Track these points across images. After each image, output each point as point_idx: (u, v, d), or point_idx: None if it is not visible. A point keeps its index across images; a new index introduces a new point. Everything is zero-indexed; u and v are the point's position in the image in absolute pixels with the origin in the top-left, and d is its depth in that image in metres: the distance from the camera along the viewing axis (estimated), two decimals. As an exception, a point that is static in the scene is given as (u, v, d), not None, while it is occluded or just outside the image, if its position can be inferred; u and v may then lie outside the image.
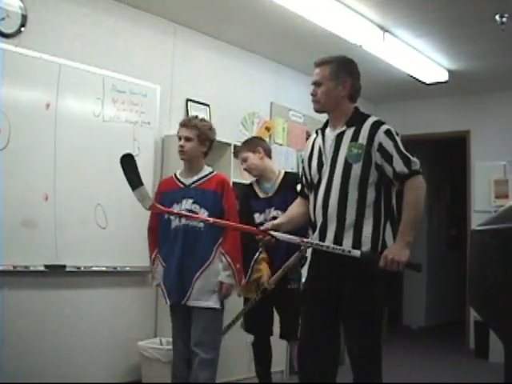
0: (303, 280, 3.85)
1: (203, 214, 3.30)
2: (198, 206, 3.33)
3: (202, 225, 3.29)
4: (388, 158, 2.65)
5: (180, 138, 3.40)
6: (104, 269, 4.23)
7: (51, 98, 3.96)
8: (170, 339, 4.26)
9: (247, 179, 4.33)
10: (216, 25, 4.97)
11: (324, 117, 2.93)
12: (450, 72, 5.93)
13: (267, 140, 5.73)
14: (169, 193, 3.44)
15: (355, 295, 2.66)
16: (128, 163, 2.93)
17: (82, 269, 4.10)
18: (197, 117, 3.52)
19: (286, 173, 3.91)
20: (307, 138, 6.09)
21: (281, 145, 5.93)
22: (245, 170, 3.93)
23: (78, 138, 4.10)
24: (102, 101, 4.26)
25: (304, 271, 3.73)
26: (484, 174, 6.62)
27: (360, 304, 2.65)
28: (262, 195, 3.84)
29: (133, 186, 2.88)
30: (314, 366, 2.74)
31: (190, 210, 3.32)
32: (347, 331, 2.73)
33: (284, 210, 3.67)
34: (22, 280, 3.81)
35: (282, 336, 3.84)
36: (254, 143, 3.93)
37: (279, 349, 4.96)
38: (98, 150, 4.23)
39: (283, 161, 5.91)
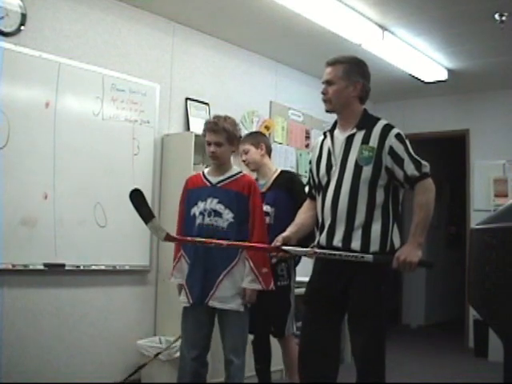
0: (297, 278, 3.84)
1: (228, 214, 3.26)
2: (222, 206, 3.28)
3: (225, 225, 3.25)
4: (399, 162, 2.69)
5: (209, 144, 3.34)
6: (103, 267, 4.23)
7: (51, 96, 3.96)
8: (170, 338, 4.28)
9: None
10: (215, 23, 4.97)
11: (324, 115, 2.93)
12: (450, 71, 5.93)
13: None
14: (195, 190, 3.40)
15: (364, 295, 2.68)
16: (137, 198, 2.90)
17: (82, 267, 4.10)
18: (220, 117, 3.40)
19: (281, 171, 3.90)
20: (307, 137, 6.22)
21: (280, 143, 5.93)
22: (243, 161, 3.90)
23: (77, 136, 4.10)
24: (101, 99, 4.27)
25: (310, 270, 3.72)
26: (483, 173, 6.62)
27: (368, 303, 2.67)
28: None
29: (145, 220, 2.87)
30: (317, 366, 2.74)
31: (214, 210, 3.27)
32: (354, 330, 2.74)
33: (274, 205, 3.66)
34: (21, 279, 3.81)
35: (272, 334, 3.81)
36: (258, 138, 3.90)
37: (278, 348, 4.96)
38: (97, 149, 4.23)
39: (283, 159, 5.92)
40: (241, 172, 3.43)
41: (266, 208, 3.67)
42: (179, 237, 3.13)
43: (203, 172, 3.48)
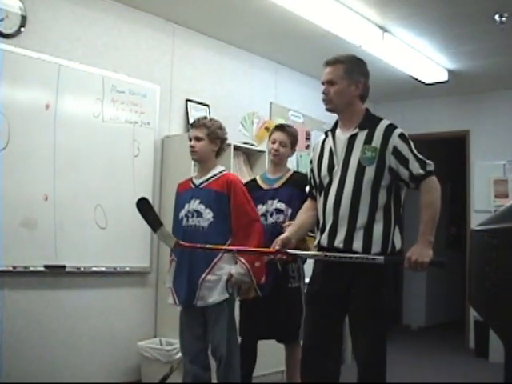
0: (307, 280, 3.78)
1: (208, 214, 3.28)
2: (203, 206, 3.30)
3: (205, 224, 3.27)
4: (404, 162, 2.68)
5: (190, 139, 3.40)
6: (104, 269, 4.23)
7: (51, 98, 3.96)
8: (170, 339, 4.28)
9: (248, 179, 4.26)
10: (215, 25, 4.97)
11: (324, 116, 2.93)
12: (450, 72, 5.93)
13: (266, 140, 5.75)
14: (182, 194, 3.45)
15: (365, 296, 2.67)
16: (144, 207, 2.90)
17: (82, 269, 4.10)
18: (206, 117, 3.51)
19: (294, 171, 3.83)
20: (307, 138, 6.22)
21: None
22: (273, 149, 3.70)
23: (77, 138, 4.10)
24: (101, 101, 4.27)
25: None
26: (484, 174, 6.61)
27: (370, 305, 2.67)
28: (265, 186, 3.72)
29: (154, 228, 2.86)
30: (319, 367, 2.74)
31: (196, 211, 3.30)
32: (355, 331, 2.73)
33: (290, 204, 3.55)
34: (21, 280, 3.81)
35: (281, 340, 3.70)
36: (296, 139, 3.79)
37: (279, 348, 4.95)
38: (97, 151, 4.23)
39: (283, 161, 5.92)
40: (223, 171, 3.44)
41: (280, 205, 3.59)
42: (188, 244, 3.09)
43: (192, 176, 3.52)
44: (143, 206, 2.89)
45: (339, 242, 2.70)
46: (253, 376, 3.89)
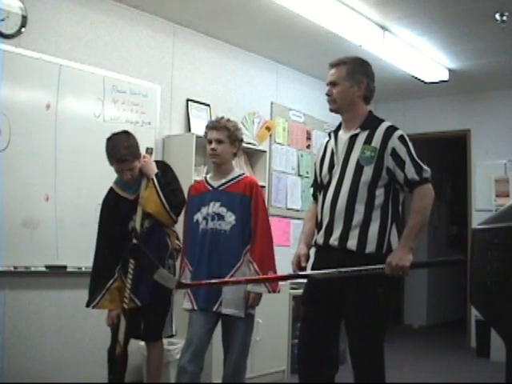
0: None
1: (230, 217, 3.21)
2: (225, 209, 3.22)
3: (228, 228, 3.20)
4: (400, 164, 2.68)
5: (210, 141, 3.28)
6: (105, 269, 4.23)
7: (52, 98, 3.97)
8: (171, 340, 4.27)
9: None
10: (216, 25, 4.97)
11: (325, 116, 2.93)
12: (451, 71, 5.93)
13: (268, 140, 5.75)
14: (197, 196, 3.34)
15: (361, 295, 2.66)
16: (137, 253, 2.91)
17: (83, 269, 4.09)
18: (223, 117, 3.37)
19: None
20: (308, 138, 6.21)
21: (281, 144, 5.93)
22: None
23: (78, 138, 4.11)
24: (102, 101, 4.27)
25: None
26: (485, 173, 6.62)
27: (366, 304, 2.66)
28: (129, 197, 3.57)
29: (151, 272, 2.81)
30: (316, 366, 2.73)
31: (217, 213, 3.23)
32: (351, 331, 2.72)
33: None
34: (22, 280, 3.82)
35: (144, 338, 3.64)
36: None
37: (280, 348, 4.96)
38: (98, 151, 4.20)
39: (284, 160, 5.92)
40: (243, 174, 3.38)
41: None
42: (192, 282, 3.08)
43: (206, 177, 3.42)
44: (135, 252, 2.90)
45: (334, 239, 2.71)
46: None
